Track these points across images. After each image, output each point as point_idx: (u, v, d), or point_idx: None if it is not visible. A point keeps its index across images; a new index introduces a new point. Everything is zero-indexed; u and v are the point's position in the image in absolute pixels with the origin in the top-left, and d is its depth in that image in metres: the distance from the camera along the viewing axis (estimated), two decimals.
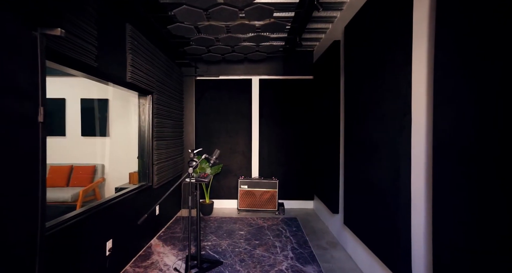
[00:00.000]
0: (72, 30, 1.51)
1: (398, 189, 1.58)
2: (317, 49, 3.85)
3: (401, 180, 1.55)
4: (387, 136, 1.72)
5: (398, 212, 1.58)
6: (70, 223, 1.60)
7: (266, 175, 4.17)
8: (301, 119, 4.18)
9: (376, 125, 1.88)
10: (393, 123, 1.65)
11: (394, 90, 1.65)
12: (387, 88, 1.73)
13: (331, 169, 3.03)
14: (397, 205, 1.59)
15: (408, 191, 1.52)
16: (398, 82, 1.61)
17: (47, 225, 1.50)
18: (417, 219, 1.46)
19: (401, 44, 1.57)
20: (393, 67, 1.67)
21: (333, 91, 2.96)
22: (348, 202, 2.47)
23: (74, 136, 3.98)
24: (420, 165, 1.44)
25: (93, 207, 1.89)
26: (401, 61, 1.57)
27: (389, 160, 1.69)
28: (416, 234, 1.47)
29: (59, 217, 1.55)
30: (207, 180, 2.13)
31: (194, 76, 4.08)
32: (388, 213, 1.69)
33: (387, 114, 1.73)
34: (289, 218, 3.69)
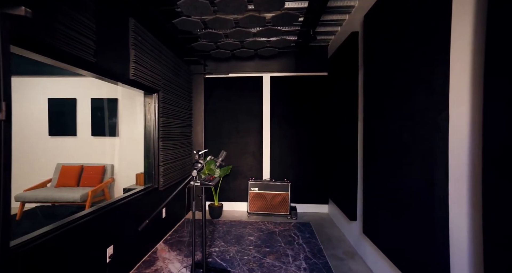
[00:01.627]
0: (65, 21, 1.40)
1: (431, 199, 1.34)
2: (332, 44, 3.61)
3: (436, 189, 1.32)
4: (417, 136, 1.48)
5: (432, 226, 1.34)
6: (66, 229, 1.50)
7: (277, 177, 3.98)
8: (315, 118, 3.95)
9: (403, 124, 1.64)
10: (425, 121, 1.42)
11: (426, 84, 1.41)
12: (417, 81, 1.49)
13: (347, 172, 2.79)
14: (430, 218, 1.35)
15: (444, 201, 1.28)
16: (431, 74, 1.37)
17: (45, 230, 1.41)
18: (458, 237, 1.22)
19: (436, 28, 1.33)
20: (425, 56, 1.43)
21: (350, 88, 2.72)
22: (368, 209, 2.23)
23: (84, 136, 3.99)
24: (460, 172, 1.20)
25: (93, 211, 1.79)
26: (436, 48, 1.33)
27: (420, 164, 1.45)
28: (457, 256, 1.23)
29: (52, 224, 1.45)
30: (213, 183, 1.97)
31: (203, 74, 3.96)
32: (419, 227, 1.46)
33: (417, 112, 1.49)
34: (302, 223, 3.47)
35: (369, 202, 2.20)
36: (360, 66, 2.55)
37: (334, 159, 3.43)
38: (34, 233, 1.36)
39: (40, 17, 1.24)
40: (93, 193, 3.42)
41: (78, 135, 3.99)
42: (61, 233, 1.45)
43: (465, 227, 1.18)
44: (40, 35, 1.24)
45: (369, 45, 2.23)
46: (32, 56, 1.28)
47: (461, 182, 1.20)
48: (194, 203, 1.88)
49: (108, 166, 3.90)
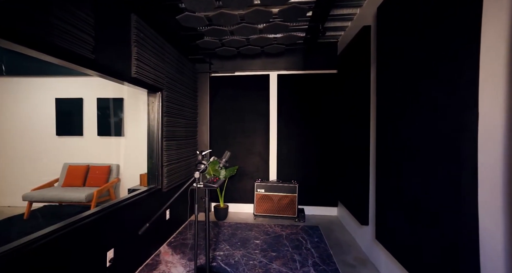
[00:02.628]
0: (61, 15, 1.33)
1: (458, 205, 1.20)
2: (342, 40, 3.46)
3: (463, 192, 1.18)
4: (439, 136, 1.34)
5: (458, 233, 1.20)
6: (63, 232, 1.43)
7: (284, 178, 3.86)
8: (323, 118, 3.81)
9: (422, 123, 1.50)
10: (449, 120, 1.27)
11: (450, 78, 1.27)
12: (440, 77, 1.35)
13: (358, 173, 2.65)
14: (456, 224, 1.21)
15: (473, 206, 1.14)
16: (457, 66, 1.23)
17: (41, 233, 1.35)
18: (491, 247, 1.08)
19: (462, 13, 1.19)
20: (450, 48, 1.29)
21: (362, 85, 2.57)
22: (381, 214, 2.09)
23: (91, 136, 3.98)
24: (492, 175, 1.06)
25: (93, 213, 1.72)
26: (463, 36, 1.19)
27: (443, 166, 1.31)
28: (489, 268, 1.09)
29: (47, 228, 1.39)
30: (216, 185, 1.88)
31: (209, 73, 3.88)
32: (442, 234, 1.31)
33: (439, 110, 1.35)
34: (310, 226, 3.34)
35: (383, 206, 2.05)
36: (372, 62, 2.40)
37: (344, 160, 3.29)
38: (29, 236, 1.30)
39: (33, 10, 1.18)
40: (98, 193, 3.40)
41: (85, 135, 3.99)
42: (57, 237, 1.39)
43: (500, 235, 1.04)
44: (34, 29, 1.18)
45: (383, 38, 2.09)
46: (26, 52, 1.22)
47: (493, 186, 1.06)
48: (197, 206, 1.79)
49: (113, 166, 3.88)
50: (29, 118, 4.03)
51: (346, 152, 3.18)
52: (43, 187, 3.67)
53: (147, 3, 2.23)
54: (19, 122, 4.06)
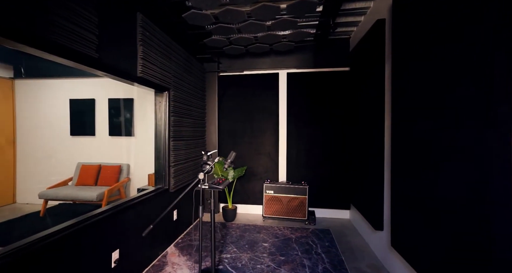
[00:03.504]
0: (63, 13, 1.32)
1: (488, 209, 1.07)
2: (355, 35, 3.31)
3: (493, 200, 1.05)
4: (464, 135, 1.21)
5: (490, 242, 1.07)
6: (66, 233, 1.42)
7: (294, 180, 3.76)
8: (335, 117, 3.67)
9: (445, 121, 1.37)
10: (475, 118, 1.14)
11: (478, 71, 1.14)
12: (465, 70, 1.22)
13: (372, 175, 2.51)
14: (486, 232, 1.08)
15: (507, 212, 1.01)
16: (484, 57, 1.10)
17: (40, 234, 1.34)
18: None
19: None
20: (473, 35, 1.16)
21: (376, 83, 2.44)
22: (397, 219, 1.95)
23: (102, 136, 4.06)
24: None
25: (98, 213, 1.71)
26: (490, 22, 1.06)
27: (469, 167, 1.18)
28: None
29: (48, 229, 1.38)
30: (221, 187, 1.82)
31: (217, 72, 3.85)
32: (470, 244, 1.18)
33: (463, 106, 1.22)
34: (321, 229, 3.22)
35: (399, 210, 1.91)
36: (387, 58, 2.26)
37: (356, 161, 3.14)
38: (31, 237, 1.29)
39: (34, 8, 1.16)
40: (109, 192, 3.44)
41: (97, 135, 4.07)
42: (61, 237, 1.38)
43: None
44: (35, 27, 1.17)
45: (399, 32, 1.95)
46: (29, 51, 1.21)
47: None
48: (201, 207, 1.74)
49: (124, 165, 3.93)
50: (45, 118, 4.16)
51: (359, 153, 3.04)
52: (58, 185, 3.77)
53: (154, 1, 2.21)
54: (37, 122, 4.20)
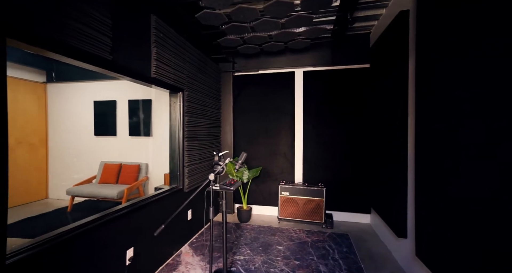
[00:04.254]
0: (78, 17, 1.35)
1: None
2: (376, 30, 3.13)
3: None
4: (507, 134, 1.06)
5: None
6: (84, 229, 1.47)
7: (311, 181, 3.64)
8: (354, 116, 3.50)
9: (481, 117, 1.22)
10: None
11: None
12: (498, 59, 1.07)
13: (394, 178, 2.34)
14: None
15: None
16: None
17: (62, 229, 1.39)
18: None
19: None
20: None
21: (398, 79, 2.27)
22: (422, 226, 1.79)
23: (123, 136, 4.23)
24: None
25: (114, 211, 1.76)
26: None
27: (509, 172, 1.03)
28: None
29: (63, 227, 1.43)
30: (233, 188, 1.79)
31: (232, 72, 3.84)
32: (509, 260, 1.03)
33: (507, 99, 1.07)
34: (339, 234, 3.08)
35: (424, 217, 1.75)
36: (411, 53, 2.09)
37: (377, 163, 2.96)
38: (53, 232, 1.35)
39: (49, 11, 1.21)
40: (128, 190, 3.57)
41: (118, 135, 4.25)
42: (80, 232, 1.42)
43: None
44: (49, 31, 1.21)
45: (425, 23, 1.79)
46: (44, 54, 1.26)
47: None
48: (212, 209, 1.71)
49: (143, 165, 4.06)
50: (73, 119, 4.43)
51: (379, 155, 2.86)
52: (83, 183, 3.99)
53: (168, 2, 2.23)
54: (65, 123, 4.48)
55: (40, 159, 4.51)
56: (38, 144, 4.49)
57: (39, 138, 4.50)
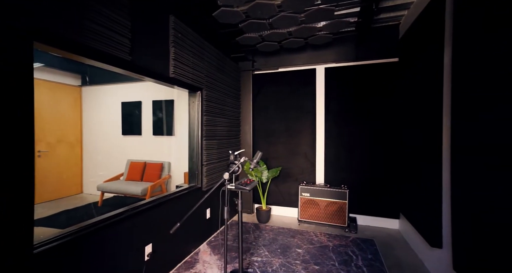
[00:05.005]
0: (98, 20, 1.41)
1: None
2: (406, 20, 2.88)
3: None
4: None
5: None
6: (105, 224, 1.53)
7: (333, 183, 3.47)
8: (380, 115, 3.27)
9: None
10: None
11: None
12: None
13: (426, 180, 2.12)
14: None
15: None
16: None
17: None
18: None
19: None
20: None
21: (432, 72, 2.06)
22: (463, 235, 1.59)
23: (147, 135, 4.41)
24: None
25: (134, 207, 1.81)
26: None
27: None
28: None
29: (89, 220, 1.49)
30: (248, 188, 1.75)
31: (251, 71, 3.81)
32: None
33: None
34: (363, 239, 2.89)
35: (463, 225, 1.55)
36: (446, 43, 1.87)
37: (406, 165, 2.73)
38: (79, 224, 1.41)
39: (72, 15, 1.26)
40: (151, 188, 3.71)
41: (143, 134, 4.45)
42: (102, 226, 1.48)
43: None
44: (71, 33, 1.26)
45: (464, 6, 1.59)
46: (65, 55, 1.32)
47: None
48: (226, 209, 1.69)
49: (165, 163, 4.20)
50: (103, 119, 4.73)
51: (409, 156, 2.63)
52: (112, 179, 4.24)
53: (186, 2, 2.25)
54: (97, 123, 4.81)
55: (76, 156, 4.88)
56: (75, 143, 4.87)
57: (75, 138, 4.88)
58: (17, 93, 1.06)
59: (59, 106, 4.57)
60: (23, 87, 1.08)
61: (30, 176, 1.10)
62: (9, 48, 1.03)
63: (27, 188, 1.09)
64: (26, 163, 1.08)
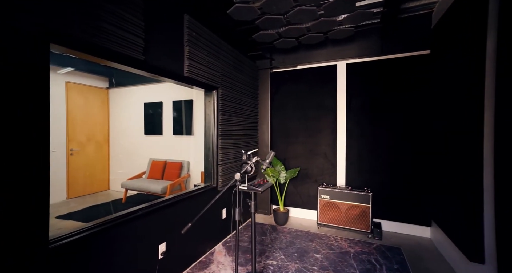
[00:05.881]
0: (111, 20, 1.42)
1: None
2: (440, 7, 2.61)
3: None
4: None
5: None
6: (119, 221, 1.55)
7: (355, 185, 3.27)
8: (407, 112, 3.00)
9: None
10: None
11: None
12: None
13: (464, 185, 1.89)
14: None
15: None
16: None
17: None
18: None
19: None
20: None
21: (471, 64, 1.82)
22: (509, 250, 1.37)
23: (168, 135, 4.53)
24: None
25: (149, 206, 1.83)
26: None
27: None
28: None
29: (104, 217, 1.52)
30: (261, 189, 1.67)
31: (269, 69, 3.73)
32: None
33: None
34: (389, 246, 2.68)
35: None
36: (490, 29, 1.64)
37: (439, 167, 2.46)
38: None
39: (86, 17, 1.28)
40: (171, 186, 3.79)
41: (164, 134, 4.57)
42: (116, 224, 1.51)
43: None
44: (86, 34, 1.29)
45: None
46: (77, 55, 1.35)
47: None
48: (238, 210, 1.63)
49: (185, 162, 4.27)
50: (127, 119, 4.95)
51: (443, 157, 2.37)
52: (135, 177, 4.41)
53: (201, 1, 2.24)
54: (122, 123, 5.05)
55: (103, 155, 5.17)
56: (103, 142, 5.15)
57: (103, 137, 5.16)
58: (33, 92, 1.09)
59: (89, 107, 4.87)
60: (39, 86, 1.11)
61: (45, 173, 1.13)
62: (26, 50, 1.06)
63: (43, 185, 1.12)
64: (41, 160, 1.11)
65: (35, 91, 1.09)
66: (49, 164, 1.15)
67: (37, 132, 1.10)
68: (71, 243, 1.28)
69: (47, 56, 1.16)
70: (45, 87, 1.14)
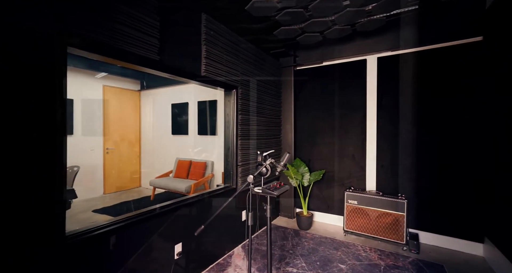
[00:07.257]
0: (127, 22, 1.44)
1: None
2: None
3: None
4: None
5: None
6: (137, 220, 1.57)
7: (387, 190, 2.97)
8: (450, 108, 2.63)
9: None
10: None
11: None
12: None
13: None
14: None
15: None
16: None
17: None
18: None
19: None
20: None
21: None
22: None
23: (193, 135, 4.63)
24: None
25: (165, 205, 1.84)
26: None
27: None
28: None
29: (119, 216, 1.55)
30: (276, 193, 1.57)
31: (293, 66, 3.58)
32: None
33: None
34: (428, 262, 2.36)
35: None
36: None
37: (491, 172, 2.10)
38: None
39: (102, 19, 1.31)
40: (195, 186, 3.85)
41: (189, 134, 4.69)
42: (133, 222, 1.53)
43: None
44: (102, 37, 1.31)
45: None
46: (93, 57, 1.38)
47: None
48: (251, 214, 1.54)
49: (209, 162, 4.32)
50: (156, 120, 5.19)
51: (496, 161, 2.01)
52: (163, 176, 4.59)
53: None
54: (152, 123, 5.31)
55: (135, 154, 5.49)
56: (134, 141, 5.48)
57: (135, 137, 5.49)
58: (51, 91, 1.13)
59: (123, 108, 5.21)
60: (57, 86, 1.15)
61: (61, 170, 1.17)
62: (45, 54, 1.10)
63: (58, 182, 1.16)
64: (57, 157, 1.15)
65: (51, 90, 1.13)
66: (65, 160, 1.19)
67: (54, 129, 1.14)
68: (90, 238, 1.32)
69: (64, 59, 1.21)
70: (62, 86, 1.18)
